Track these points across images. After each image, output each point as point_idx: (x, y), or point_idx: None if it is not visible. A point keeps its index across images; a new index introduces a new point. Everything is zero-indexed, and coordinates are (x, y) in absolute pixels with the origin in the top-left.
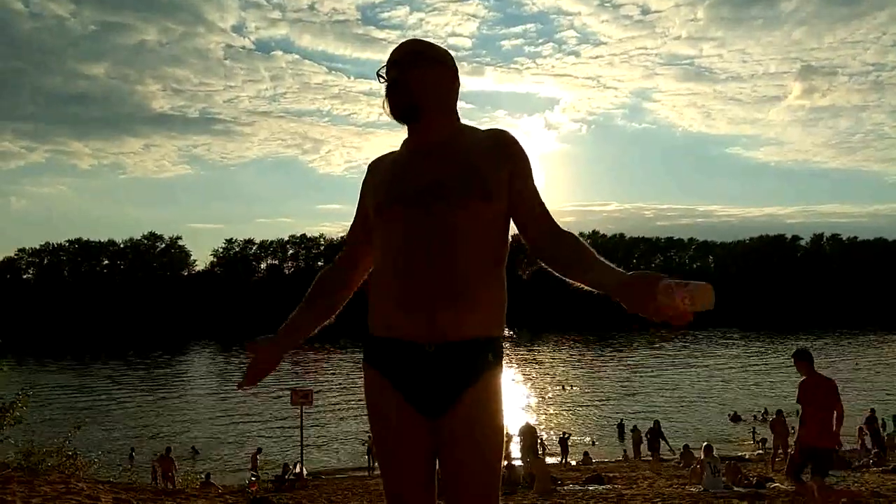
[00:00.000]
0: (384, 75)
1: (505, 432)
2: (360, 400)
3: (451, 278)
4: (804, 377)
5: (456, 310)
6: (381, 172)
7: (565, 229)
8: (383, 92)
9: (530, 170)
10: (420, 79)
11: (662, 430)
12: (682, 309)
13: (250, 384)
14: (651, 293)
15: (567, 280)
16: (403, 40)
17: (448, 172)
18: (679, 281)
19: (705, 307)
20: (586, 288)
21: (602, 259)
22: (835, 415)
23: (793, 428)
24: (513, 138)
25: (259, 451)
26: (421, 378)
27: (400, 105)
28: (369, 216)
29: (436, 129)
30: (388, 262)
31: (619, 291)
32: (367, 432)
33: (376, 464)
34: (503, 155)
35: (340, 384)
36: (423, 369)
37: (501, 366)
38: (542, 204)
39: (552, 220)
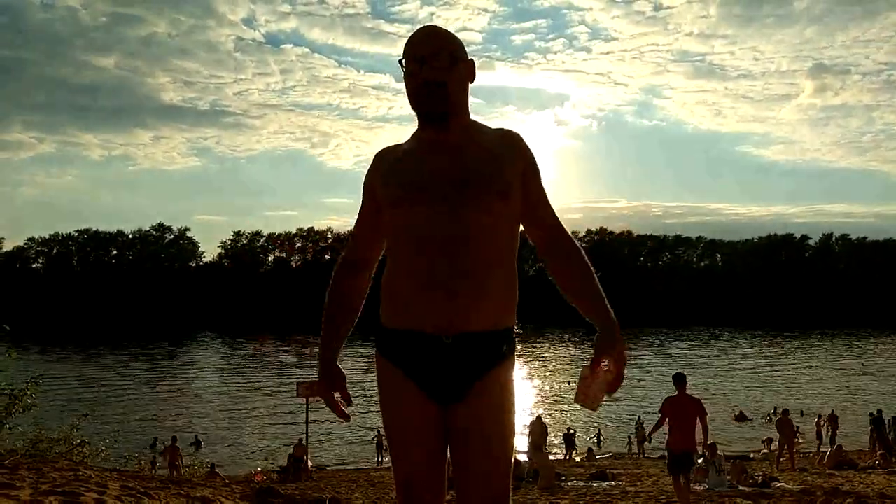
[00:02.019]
0: (405, 64)
1: (515, 423)
2: (365, 393)
3: (470, 272)
4: (675, 394)
5: (474, 302)
6: (393, 164)
7: (563, 234)
8: (406, 83)
9: (539, 170)
10: (456, 86)
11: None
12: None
13: (345, 416)
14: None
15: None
16: (425, 27)
17: (469, 171)
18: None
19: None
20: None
21: (587, 284)
22: (700, 427)
23: (797, 427)
24: (523, 140)
25: (301, 439)
26: (437, 368)
27: (435, 111)
28: (380, 209)
29: (455, 126)
30: (406, 256)
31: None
32: (374, 426)
33: (384, 458)
34: (517, 156)
35: (347, 378)
36: (440, 359)
37: (514, 358)
38: (547, 204)
39: (555, 221)
